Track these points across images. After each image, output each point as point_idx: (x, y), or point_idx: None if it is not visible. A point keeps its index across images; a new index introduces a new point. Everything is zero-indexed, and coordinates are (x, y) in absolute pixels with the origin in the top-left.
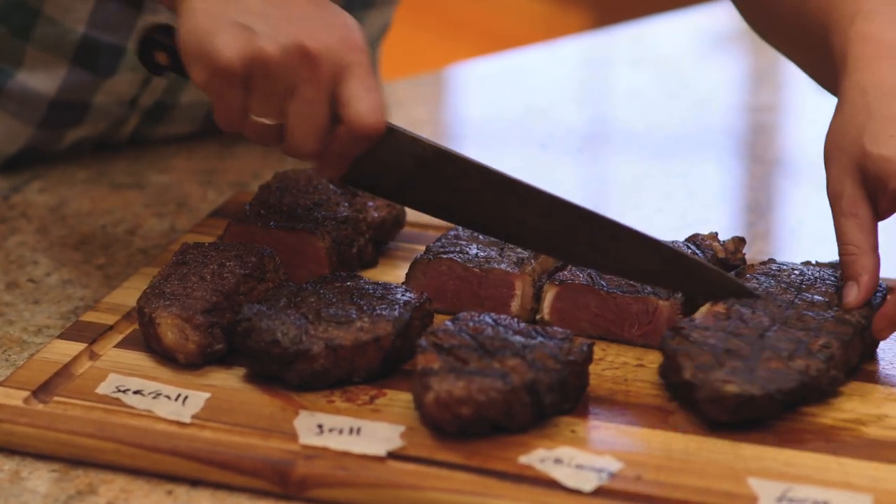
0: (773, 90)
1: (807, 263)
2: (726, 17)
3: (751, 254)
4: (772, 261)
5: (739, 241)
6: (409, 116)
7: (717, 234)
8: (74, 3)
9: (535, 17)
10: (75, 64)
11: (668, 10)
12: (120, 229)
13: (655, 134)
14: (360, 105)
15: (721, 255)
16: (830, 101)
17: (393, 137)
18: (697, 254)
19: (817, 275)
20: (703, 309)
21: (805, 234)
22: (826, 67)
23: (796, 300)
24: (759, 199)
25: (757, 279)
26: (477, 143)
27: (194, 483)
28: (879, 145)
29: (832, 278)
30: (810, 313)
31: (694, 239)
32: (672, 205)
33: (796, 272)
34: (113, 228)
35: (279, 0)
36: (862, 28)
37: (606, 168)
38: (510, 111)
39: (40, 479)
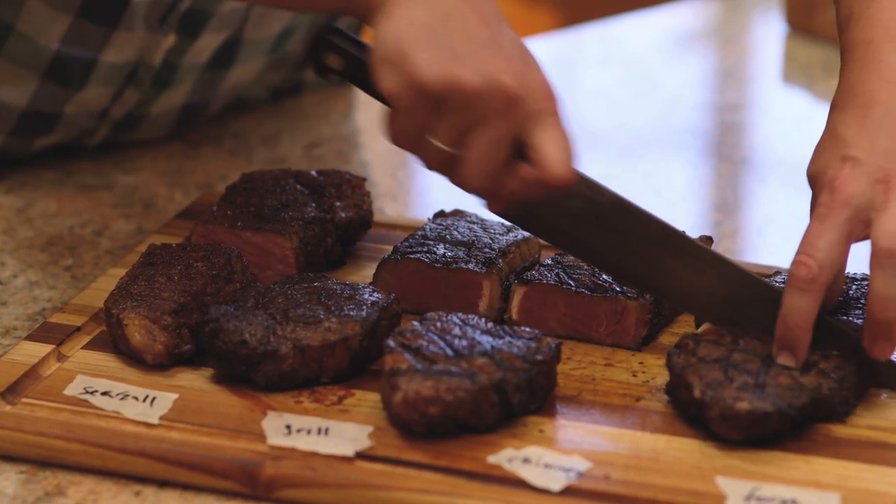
0: (740, 89)
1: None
2: (693, 17)
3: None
4: (777, 273)
5: (706, 240)
6: (376, 117)
7: (684, 232)
8: (49, 22)
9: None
10: (46, 78)
11: (635, 9)
12: (87, 230)
13: (622, 133)
14: (555, 152)
15: None
16: (797, 98)
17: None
18: None
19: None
20: (706, 324)
21: (773, 233)
22: None
23: None
24: (727, 197)
25: None
26: None
27: (162, 484)
28: (812, 162)
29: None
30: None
31: None
32: (639, 203)
33: None
34: (80, 229)
35: (488, 30)
36: (851, 34)
37: None
38: None
39: (8, 480)
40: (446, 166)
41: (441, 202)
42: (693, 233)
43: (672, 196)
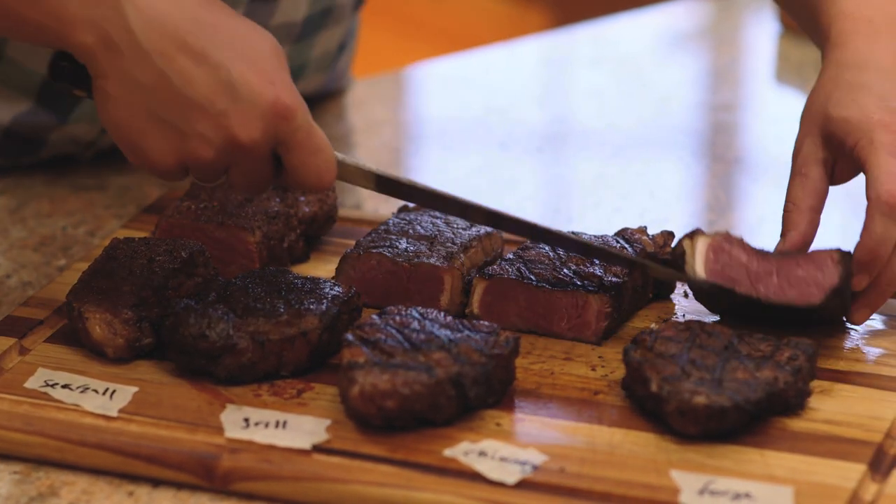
0: (732, 88)
1: None
2: (686, 16)
3: None
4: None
5: (668, 235)
6: (369, 117)
7: (646, 227)
8: (33, 48)
9: (495, 17)
10: (39, 103)
11: (627, 9)
12: (80, 231)
13: (615, 133)
14: (310, 173)
15: (650, 248)
16: (790, 98)
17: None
18: (626, 248)
19: None
20: (660, 320)
21: (766, 232)
22: (818, 39)
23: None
24: (719, 197)
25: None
26: (438, 143)
27: (156, 484)
28: (841, 108)
29: None
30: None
31: (623, 233)
32: (632, 204)
33: None
34: (73, 230)
35: (201, 73)
36: (843, 6)
37: (566, 167)
38: (470, 111)
39: (2, 480)
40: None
41: None
42: (685, 232)
43: (665, 196)
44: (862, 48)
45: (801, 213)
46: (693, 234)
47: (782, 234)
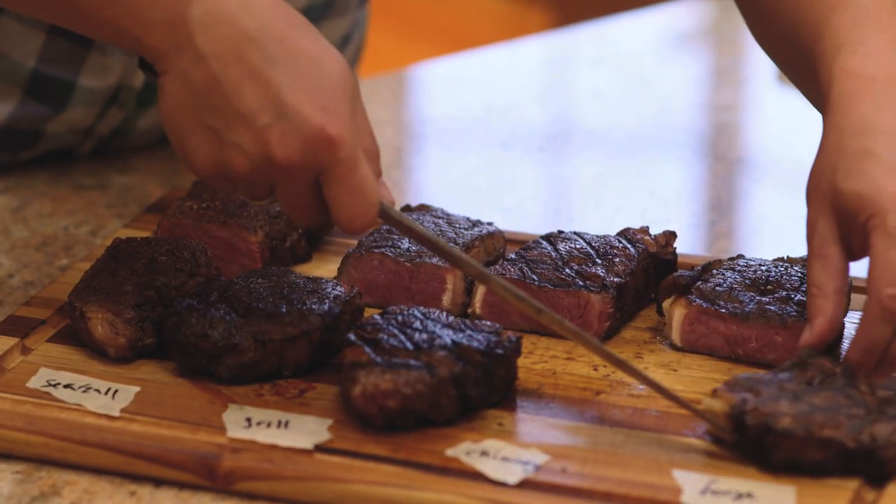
0: (734, 88)
1: (779, 260)
2: (688, 16)
3: (713, 252)
4: (740, 256)
5: (670, 235)
6: (371, 117)
7: (648, 227)
8: (23, 39)
9: (497, 17)
10: (28, 95)
11: (629, 9)
12: (82, 230)
13: (617, 133)
14: (343, 212)
15: (652, 248)
16: (791, 98)
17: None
18: (629, 248)
19: (784, 272)
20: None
21: (767, 232)
22: (817, 99)
23: (754, 302)
24: (721, 197)
25: (723, 274)
26: (438, 143)
27: (158, 483)
28: (850, 181)
29: (799, 275)
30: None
31: (625, 233)
32: (633, 204)
33: (763, 268)
34: (75, 229)
35: (254, 87)
36: (845, 63)
37: (568, 167)
38: (471, 111)
39: (3, 480)
40: None
41: (437, 201)
42: (686, 232)
43: (666, 195)
44: (866, 111)
45: (827, 297)
46: (675, 299)
47: (809, 321)
